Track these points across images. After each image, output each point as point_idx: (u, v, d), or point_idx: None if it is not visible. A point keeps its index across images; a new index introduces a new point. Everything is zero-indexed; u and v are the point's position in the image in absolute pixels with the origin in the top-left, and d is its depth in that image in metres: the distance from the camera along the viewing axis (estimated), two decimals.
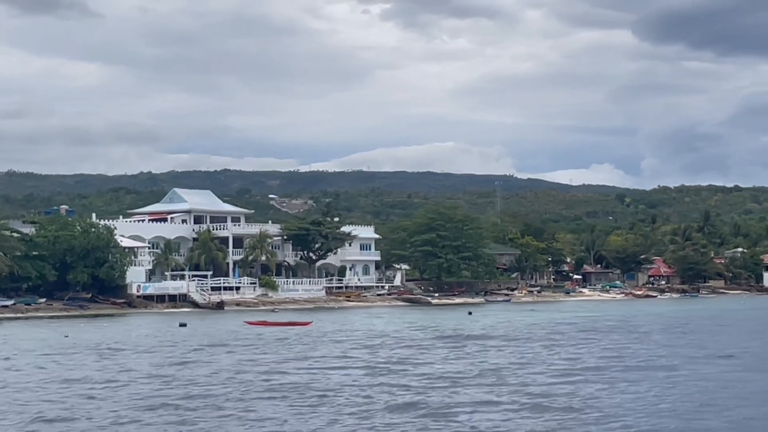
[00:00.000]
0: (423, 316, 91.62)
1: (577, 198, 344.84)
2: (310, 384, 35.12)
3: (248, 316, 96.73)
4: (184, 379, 37.24)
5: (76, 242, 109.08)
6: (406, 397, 31.36)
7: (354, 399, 31.21)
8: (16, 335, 67.30)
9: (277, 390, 33.36)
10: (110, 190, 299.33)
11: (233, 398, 31.64)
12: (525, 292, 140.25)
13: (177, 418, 27.74)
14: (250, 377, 37.65)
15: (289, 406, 29.88)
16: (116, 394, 33.04)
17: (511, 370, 39.45)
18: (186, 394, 32.63)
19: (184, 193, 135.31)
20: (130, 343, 56.70)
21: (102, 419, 27.86)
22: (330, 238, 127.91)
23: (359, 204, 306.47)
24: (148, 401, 31.03)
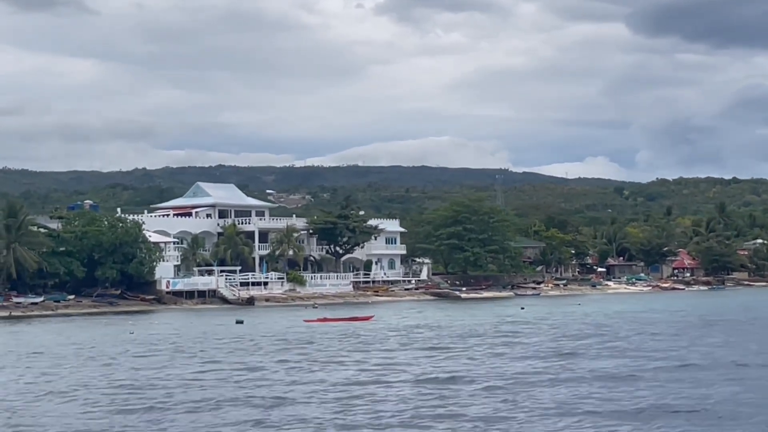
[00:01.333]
0: (473, 311, 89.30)
1: (576, 191, 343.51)
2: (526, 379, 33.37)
3: (279, 312, 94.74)
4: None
5: (105, 238, 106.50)
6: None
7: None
8: (75, 334, 64.74)
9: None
10: (107, 187, 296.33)
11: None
12: (551, 286, 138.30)
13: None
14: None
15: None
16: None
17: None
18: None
19: (208, 187, 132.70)
20: (217, 341, 53.95)
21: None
22: (357, 232, 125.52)
23: (357, 199, 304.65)
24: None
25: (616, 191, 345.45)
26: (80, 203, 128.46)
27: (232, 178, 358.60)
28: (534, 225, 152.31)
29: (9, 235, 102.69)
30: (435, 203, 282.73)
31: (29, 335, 64.00)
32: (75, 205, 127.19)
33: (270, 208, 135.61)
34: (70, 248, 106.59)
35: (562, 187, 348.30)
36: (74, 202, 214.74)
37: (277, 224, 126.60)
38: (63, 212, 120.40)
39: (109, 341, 56.25)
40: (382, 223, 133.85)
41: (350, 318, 73.08)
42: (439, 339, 53.06)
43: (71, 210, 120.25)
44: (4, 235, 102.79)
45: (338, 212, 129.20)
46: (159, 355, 45.64)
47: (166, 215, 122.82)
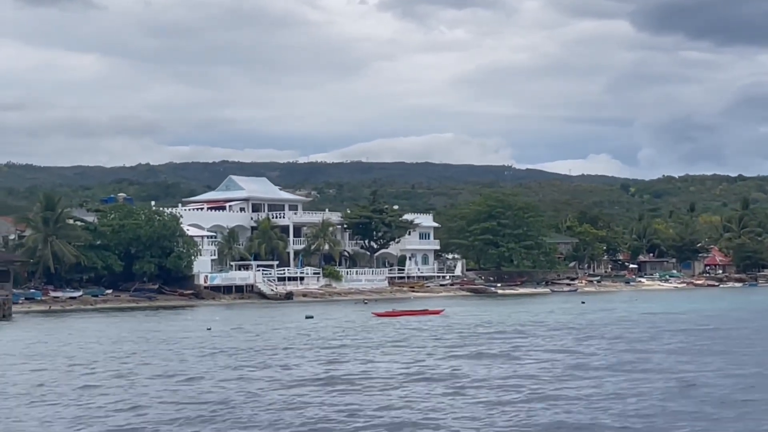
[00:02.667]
0: (532, 306, 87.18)
1: (582, 188, 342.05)
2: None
3: (316, 307, 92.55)
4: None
5: (142, 231, 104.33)
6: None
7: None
8: (146, 329, 62.39)
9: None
10: (113, 182, 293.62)
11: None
12: (585, 282, 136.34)
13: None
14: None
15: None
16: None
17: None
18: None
19: (241, 181, 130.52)
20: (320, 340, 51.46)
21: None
22: (393, 227, 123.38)
23: (363, 194, 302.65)
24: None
25: (622, 188, 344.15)
26: (114, 196, 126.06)
27: (235, 173, 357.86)
28: (566, 220, 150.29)
29: (47, 228, 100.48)
30: (441, 200, 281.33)
31: (99, 331, 61.24)
32: (109, 198, 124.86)
33: (303, 202, 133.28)
34: (106, 242, 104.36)
35: (567, 184, 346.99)
36: (81, 196, 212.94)
37: (312, 218, 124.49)
38: (98, 205, 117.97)
39: (204, 336, 53.91)
40: (418, 218, 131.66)
41: (420, 311, 71.03)
42: (572, 333, 50.97)
43: (105, 203, 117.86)
44: (41, 228, 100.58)
45: (372, 206, 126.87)
46: (321, 350, 43.17)
47: (199, 209, 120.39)
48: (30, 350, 46.34)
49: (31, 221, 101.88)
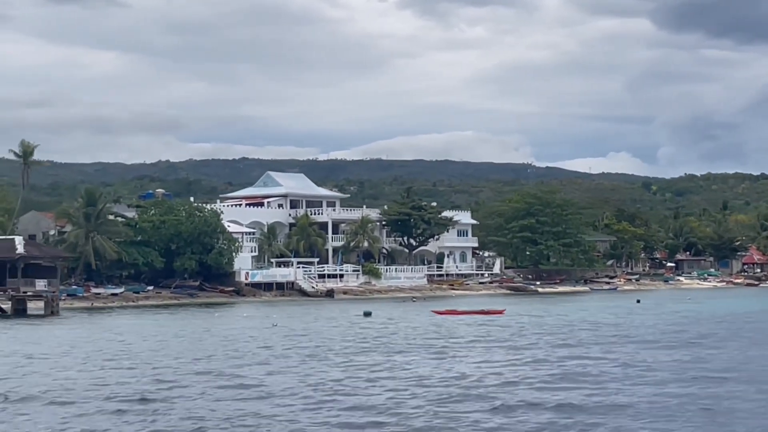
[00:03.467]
0: (588, 304, 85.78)
1: (603, 186, 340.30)
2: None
3: (362, 305, 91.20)
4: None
5: (183, 227, 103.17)
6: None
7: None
8: (208, 326, 61.08)
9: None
10: (135, 178, 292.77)
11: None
12: (623, 281, 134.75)
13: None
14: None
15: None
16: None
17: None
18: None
19: (279, 177, 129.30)
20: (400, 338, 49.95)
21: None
22: (432, 224, 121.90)
23: (383, 192, 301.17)
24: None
25: (644, 186, 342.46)
26: (152, 192, 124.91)
27: (255, 170, 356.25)
28: (602, 218, 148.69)
29: (88, 224, 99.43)
30: (462, 197, 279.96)
31: (155, 329, 59.88)
32: (147, 194, 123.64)
33: (341, 198, 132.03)
34: (146, 238, 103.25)
35: (589, 182, 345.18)
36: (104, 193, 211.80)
37: (351, 215, 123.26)
38: (138, 201, 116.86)
39: (283, 333, 52.71)
40: (457, 215, 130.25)
41: (481, 311, 69.55)
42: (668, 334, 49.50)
43: (143, 199, 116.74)
44: (83, 224, 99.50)
45: (411, 203, 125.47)
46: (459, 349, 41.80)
47: (238, 205, 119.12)
48: (134, 347, 44.67)
49: (73, 217, 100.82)
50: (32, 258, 79.06)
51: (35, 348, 45.30)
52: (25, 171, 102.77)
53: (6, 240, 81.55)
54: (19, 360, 39.54)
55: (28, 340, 51.56)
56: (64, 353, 42.20)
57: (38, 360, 39.65)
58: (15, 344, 47.90)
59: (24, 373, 34.99)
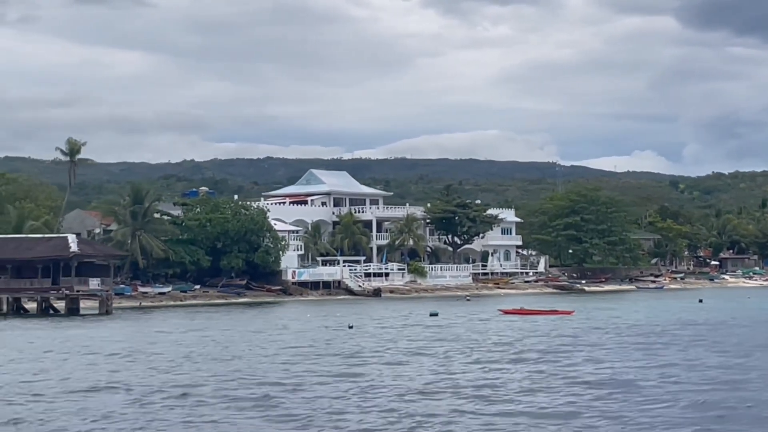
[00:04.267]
0: (654, 303, 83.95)
1: (630, 185, 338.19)
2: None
3: (410, 305, 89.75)
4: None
5: (230, 225, 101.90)
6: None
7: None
8: (279, 327, 59.68)
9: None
10: (160, 178, 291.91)
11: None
12: (669, 279, 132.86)
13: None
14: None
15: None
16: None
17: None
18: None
19: (322, 175, 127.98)
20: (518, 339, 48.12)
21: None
22: (478, 222, 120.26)
23: (409, 191, 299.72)
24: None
25: (671, 185, 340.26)
26: (196, 190, 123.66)
27: (280, 170, 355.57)
28: (645, 216, 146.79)
29: (135, 222, 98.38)
30: (488, 196, 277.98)
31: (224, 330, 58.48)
32: (191, 192, 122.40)
33: (384, 196, 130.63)
34: (192, 236, 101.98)
35: (616, 180, 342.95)
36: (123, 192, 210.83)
37: (395, 213, 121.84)
38: (181, 199, 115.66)
39: (363, 333, 51.31)
40: (502, 212, 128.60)
41: (549, 311, 67.87)
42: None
43: (187, 197, 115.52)
44: (129, 222, 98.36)
45: (456, 201, 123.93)
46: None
47: (282, 203, 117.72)
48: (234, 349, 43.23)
49: (119, 215, 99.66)
50: (86, 256, 77.63)
51: (140, 344, 44.65)
52: (72, 169, 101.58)
53: (59, 238, 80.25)
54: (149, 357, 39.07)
55: (121, 338, 50.12)
56: (184, 354, 40.68)
57: (159, 357, 39.01)
58: (118, 343, 46.69)
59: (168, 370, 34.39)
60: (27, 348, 45.06)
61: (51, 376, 33.07)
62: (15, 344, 47.28)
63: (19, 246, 79.34)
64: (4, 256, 78.20)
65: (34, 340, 49.53)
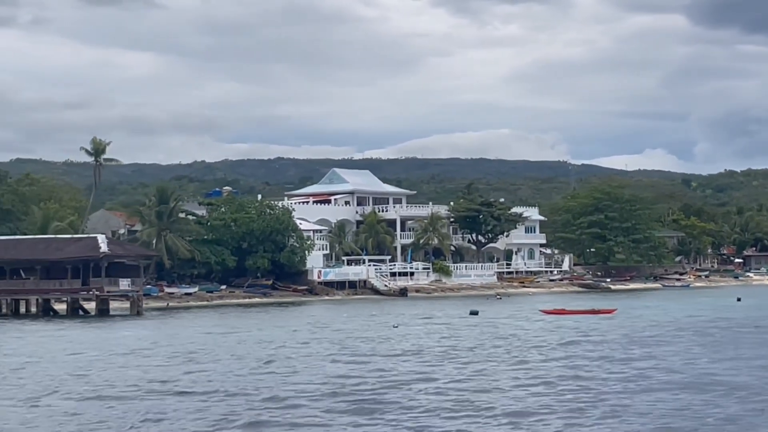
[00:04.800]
0: (692, 300, 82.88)
1: (643, 183, 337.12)
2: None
3: (436, 304, 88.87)
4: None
5: (255, 225, 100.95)
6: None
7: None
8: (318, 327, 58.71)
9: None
10: (173, 179, 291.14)
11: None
12: (693, 277, 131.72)
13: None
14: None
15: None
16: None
17: None
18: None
19: (345, 174, 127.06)
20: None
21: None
22: (503, 220, 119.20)
23: (421, 191, 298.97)
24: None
25: (683, 183, 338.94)
26: (219, 190, 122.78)
27: (291, 170, 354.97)
28: (668, 213, 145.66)
29: (160, 222, 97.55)
30: (500, 195, 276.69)
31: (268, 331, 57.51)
32: (214, 192, 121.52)
33: (407, 195, 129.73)
34: (217, 236, 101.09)
35: (629, 179, 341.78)
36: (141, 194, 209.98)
37: (419, 212, 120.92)
38: (204, 198, 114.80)
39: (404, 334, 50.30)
40: (526, 211, 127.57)
41: (590, 311, 66.82)
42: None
43: (209, 197, 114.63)
44: (155, 222, 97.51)
45: (480, 199, 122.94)
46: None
47: (305, 202, 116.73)
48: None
49: (145, 215, 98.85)
50: (116, 256, 76.73)
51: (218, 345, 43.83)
52: (97, 169, 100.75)
53: (89, 238, 79.46)
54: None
55: (172, 341, 49.12)
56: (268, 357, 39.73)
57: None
58: (189, 344, 45.97)
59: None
60: (102, 348, 44.43)
61: (173, 376, 32.86)
62: (84, 344, 46.68)
63: (49, 246, 78.60)
64: (33, 257, 77.55)
65: (98, 341, 48.63)
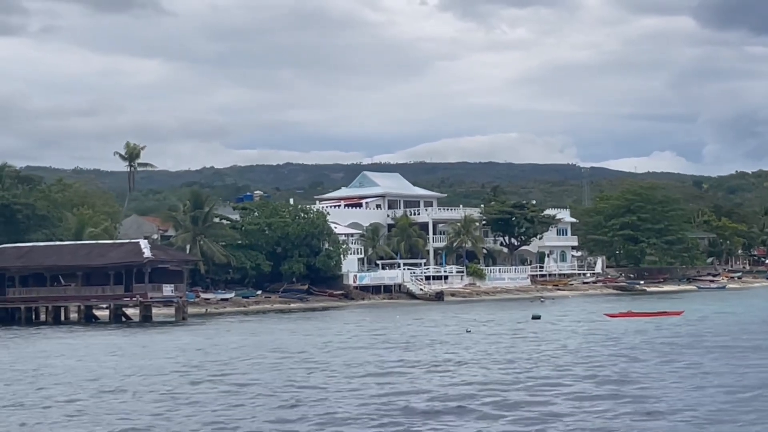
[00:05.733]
0: (746, 302, 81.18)
1: (654, 185, 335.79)
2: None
3: (480, 308, 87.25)
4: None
5: (290, 229, 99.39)
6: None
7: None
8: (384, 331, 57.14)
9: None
10: (183, 185, 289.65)
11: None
12: (726, 279, 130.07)
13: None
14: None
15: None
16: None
17: None
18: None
19: (375, 177, 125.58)
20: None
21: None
22: (536, 222, 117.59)
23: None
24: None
25: (694, 185, 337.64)
26: (250, 194, 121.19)
27: (300, 175, 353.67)
28: (698, 214, 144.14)
29: (195, 227, 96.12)
30: (511, 198, 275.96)
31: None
32: (246, 196, 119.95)
33: (438, 198, 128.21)
34: (252, 241, 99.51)
35: (640, 181, 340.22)
36: (152, 200, 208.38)
37: (452, 214, 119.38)
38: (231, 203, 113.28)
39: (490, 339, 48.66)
40: (559, 213, 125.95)
41: (658, 313, 65.23)
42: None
43: (240, 201, 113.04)
44: (190, 228, 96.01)
45: (512, 201, 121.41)
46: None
47: (336, 206, 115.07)
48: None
49: (180, 220, 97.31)
50: (159, 262, 75.13)
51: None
52: (132, 174, 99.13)
53: (131, 243, 77.92)
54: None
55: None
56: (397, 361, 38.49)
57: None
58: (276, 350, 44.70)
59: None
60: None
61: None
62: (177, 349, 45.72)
63: (90, 252, 77.11)
64: (74, 263, 76.04)
65: (179, 349, 47.26)
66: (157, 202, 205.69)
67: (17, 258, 77.97)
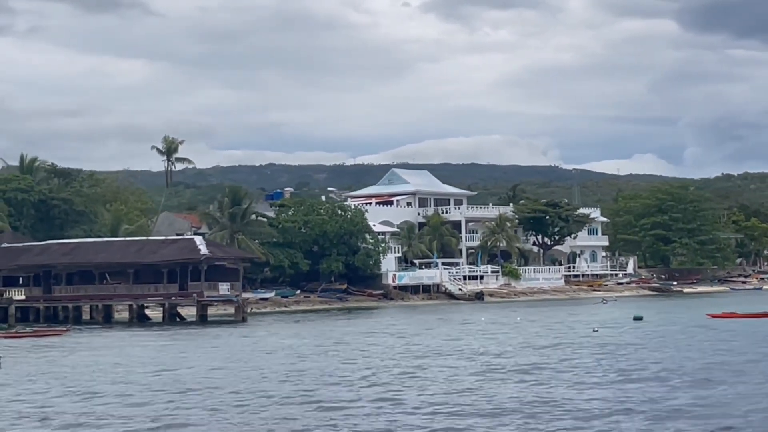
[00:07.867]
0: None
1: (641, 187, 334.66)
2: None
3: (520, 308, 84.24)
4: None
5: (329, 227, 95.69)
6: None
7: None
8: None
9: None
10: (170, 185, 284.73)
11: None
12: (757, 280, 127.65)
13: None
14: None
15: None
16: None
17: None
18: None
19: (405, 174, 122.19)
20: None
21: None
22: (570, 221, 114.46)
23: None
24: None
25: (681, 187, 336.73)
26: (280, 191, 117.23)
27: (283, 176, 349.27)
28: (724, 215, 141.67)
29: (233, 224, 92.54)
30: (496, 200, 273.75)
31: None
32: (275, 194, 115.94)
33: (469, 196, 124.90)
34: (289, 238, 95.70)
35: (624, 183, 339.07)
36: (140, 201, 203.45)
37: (484, 213, 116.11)
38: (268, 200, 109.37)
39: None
40: (592, 212, 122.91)
41: (764, 314, 62.05)
42: None
43: (270, 199, 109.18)
44: (228, 225, 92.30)
45: (544, 200, 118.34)
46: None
47: (368, 204, 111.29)
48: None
49: (218, 218, 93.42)
50: (216, 259, 71.19)
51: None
52: (169, 169, 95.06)
53: (185, 240, 74.29)
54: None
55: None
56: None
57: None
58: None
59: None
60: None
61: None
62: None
63: (142, 249, 73.28)
64: (125, 260, 72.07)
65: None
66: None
67: (63, 255, 74.04)
